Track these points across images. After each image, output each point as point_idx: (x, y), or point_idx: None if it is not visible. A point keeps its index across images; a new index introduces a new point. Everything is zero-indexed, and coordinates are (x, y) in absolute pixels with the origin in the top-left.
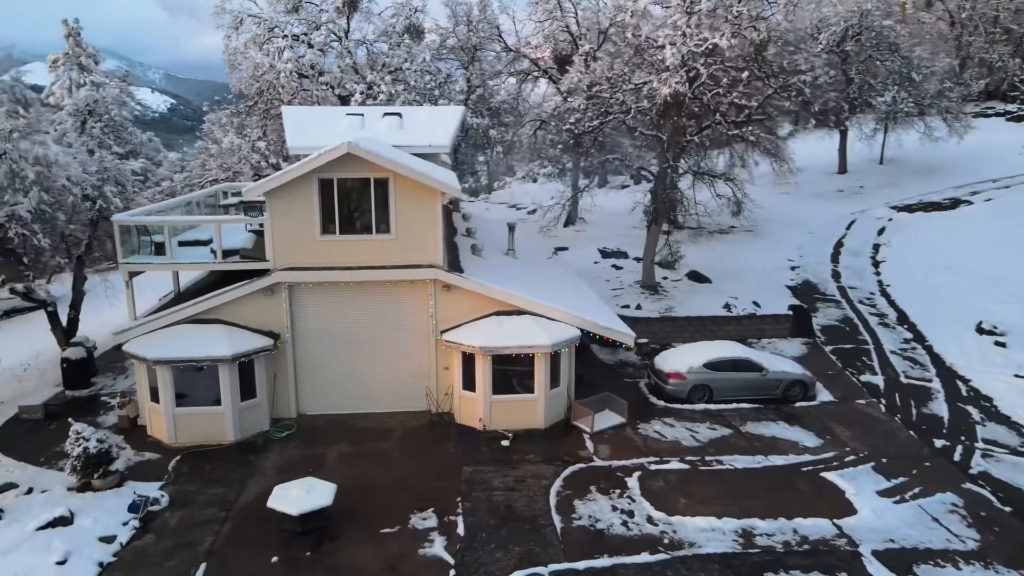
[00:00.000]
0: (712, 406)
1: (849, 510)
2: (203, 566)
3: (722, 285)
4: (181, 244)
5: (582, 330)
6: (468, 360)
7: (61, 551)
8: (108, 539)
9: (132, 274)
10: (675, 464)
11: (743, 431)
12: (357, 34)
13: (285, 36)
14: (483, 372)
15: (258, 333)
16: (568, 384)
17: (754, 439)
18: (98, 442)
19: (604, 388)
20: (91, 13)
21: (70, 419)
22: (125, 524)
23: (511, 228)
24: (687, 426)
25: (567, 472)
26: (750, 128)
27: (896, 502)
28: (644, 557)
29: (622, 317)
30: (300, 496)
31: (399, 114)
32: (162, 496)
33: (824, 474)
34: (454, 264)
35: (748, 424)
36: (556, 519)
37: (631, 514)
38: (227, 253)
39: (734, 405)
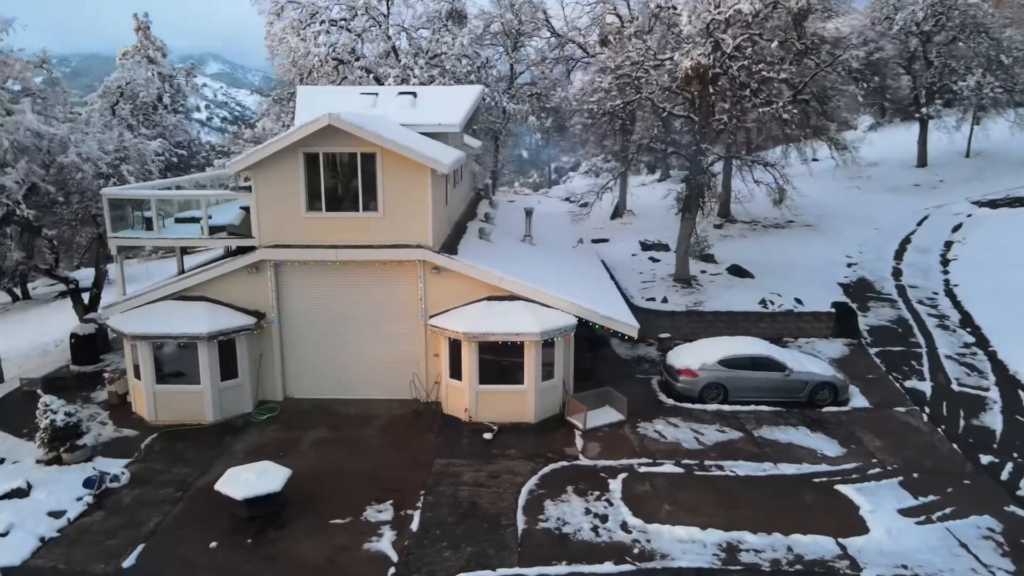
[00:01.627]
0: (726, 407)
1: (859, 528)
2: (141, 547)
3: (765, 280)
4: (179, 221)
5: (587, 320)
6: (455, 347)
7: (4, 523)
8: (57, 514)
9: (121, 249)
10: (668, 467)
11: (755, 435)
12: (396, 19)
13: (323, 22)
14: (469, 360)
15: (242, 312)
16: (565, 376)
17: (765, 444)
18: (66, 415)
19: (615, 383)
20: (202, 21)
21: (39, 392)
22: (79, 500)
23: (528, 213)
24: (693, 427)
25: (546, 470)
26: (788, 107)
27: (919, 523)
28: (607, 567)
29: (644, 310)
30: (250, 480)
31: (414, 93)
32: (123, 473)
33: (839, 487)
34: (450, 246)
35: (763, 428)
36: (520, 519)
37: (604, 519)
38: (216, 229)
39: (751, 407)
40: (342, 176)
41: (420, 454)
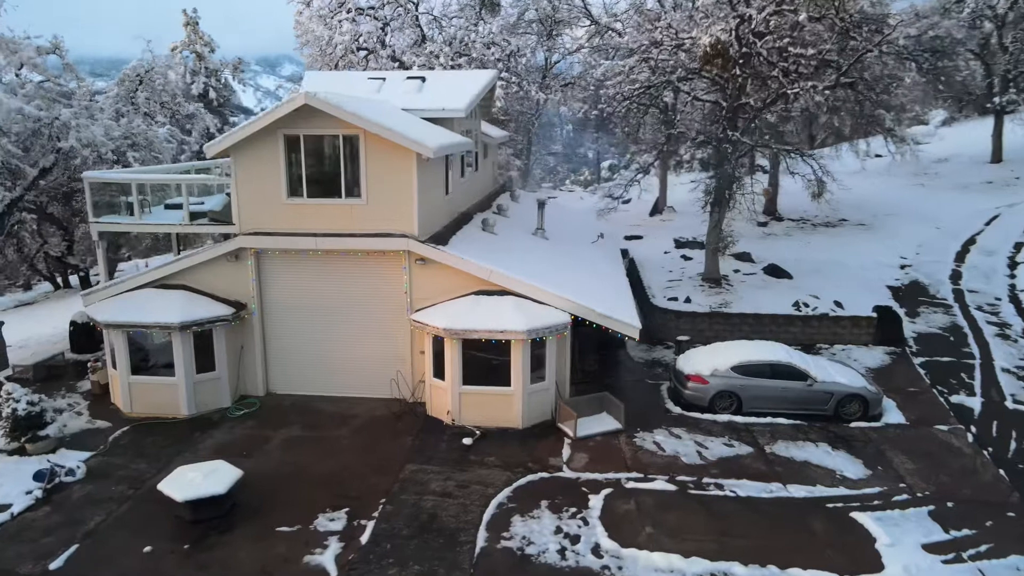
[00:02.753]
0: (739, 418)
1: (872, 565)
2: (74, 548)
3: (804, 281)
4: (168, 207)
5: (583, 319)
6: (438, 344)
7: None
8: (3, 507)
9: (103, 234)
10: (659, 484)
11: (767, 451)
12: (426, 6)
13: (350, 10)
14: (452, 359)
15: (222, 302)
16: (558, 379)
17: (777, 462)
18: (28, 404)
19: (621, 387)
20: (279, 23)
21: (3, 383)
22: (28, 493)
23: (540, 205)
24: (698, 439)
25: (522, 481)
26: (831, 91)
27: (946, 561)
28: None
29: (663, 310)
30: (195, 481)
31: (422, 78)
32: (78, 467)
33: (856, 514)
34: (442, 237)
35: (777, 443)
36: (481, 536)
37: (575, 540)
38: (198, 216)
39: (768, 419)
40: (324, 160)
41: (391, 458)
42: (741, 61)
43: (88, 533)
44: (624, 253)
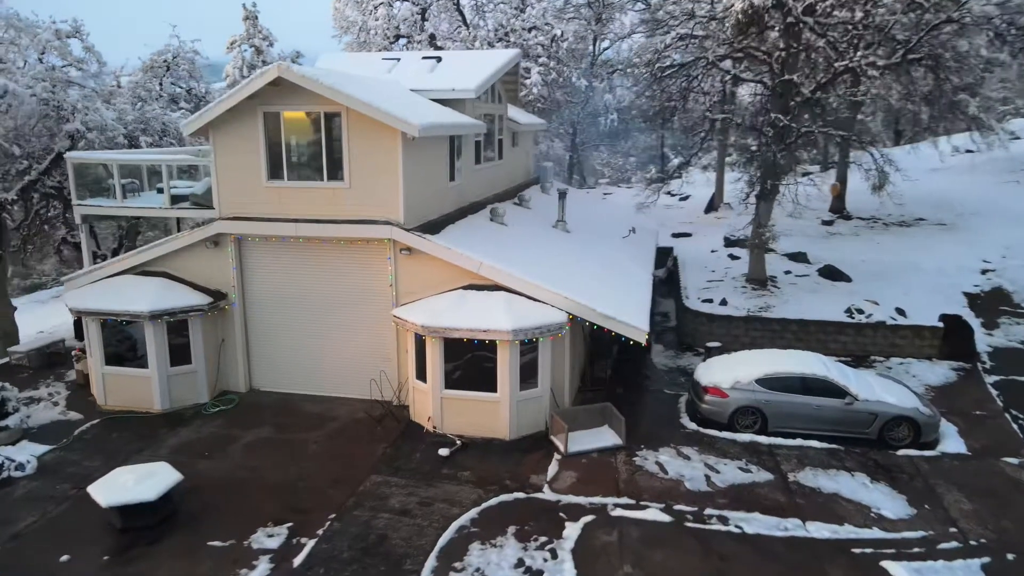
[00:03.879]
0: (763, 438)
1: None
2: None
3: (864, 285)
4: (160, 192)
5: (593, 323)
6: (420, 343)
7: None
8: None
9: (86, 217)
10: (651, 513)
11: (791, 479)
12: None
13: None
14: (433, 359)
15: (201, 291)
16: (554, 385)
17: (800, 493)
18: None
19: (633, 398)
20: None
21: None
22: None
23: (561, 196)
24: (709, 461)
25: (493, 501)
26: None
27: None
28: None
29: (694, 313)
30: (126, 485)
31: (437, 58)
32: (29, 461)
33: (888, 564)
34: (435, 225)
35: (805, 471)
36: (429, 565)
37: (538, 575)
38: (180, 199)
39: (798, 442)
40: (306, 140)
41: (357, 467)
42: (780, 30)
43: (15, 535)
44: (668, 251)
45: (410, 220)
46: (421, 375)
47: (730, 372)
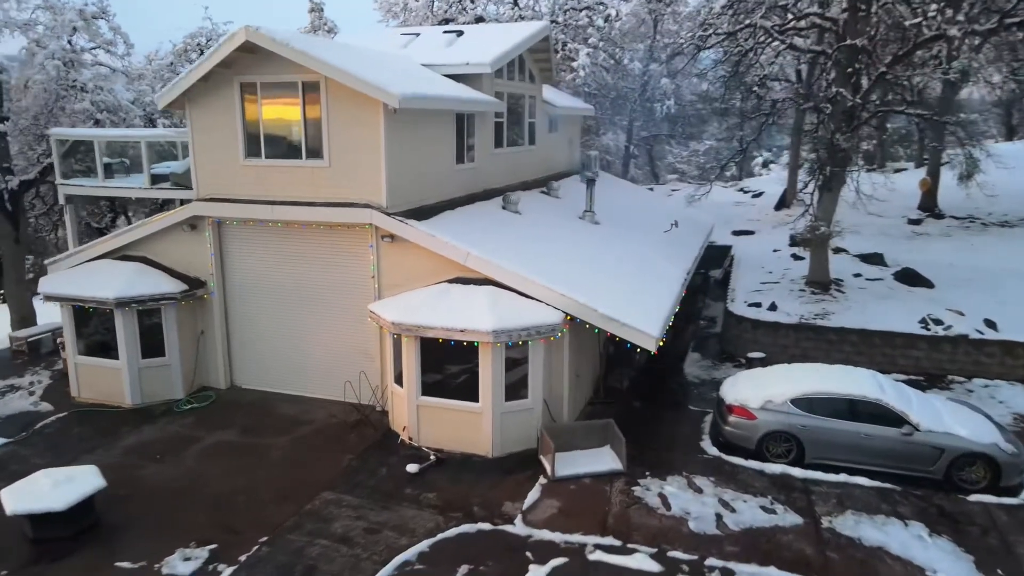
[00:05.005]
0: (796, 471)
1: None
2: None
3: (948, 292)
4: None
5: (594, 325)
6: (398, 343)
7: None
8: None
9: (69, 198)
10: (638, 559)
11: (825, 526)
12: None
13: None
14: (409, 361)
15: (178, 278)
16: (548, 396)
17: (834, 545)
18: None
19: (651, 414)
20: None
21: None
22: None
23: (588, 183)
24: (726, 496)
25: (451, 532)
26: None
27: None
28: None
29: (738, 318)
30: (41, 491)
31: (459, 32)
32: None
33: None
34: (427, 211)
35: (845, 515)
36: None
37: None
38: (160, 179)
39: (841, 477)
40: (285, 114)
41: (311, 481)
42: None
43: None
44: (726, 250)
45: (396, 204)
46: (399, 378)
47: (761, 389)
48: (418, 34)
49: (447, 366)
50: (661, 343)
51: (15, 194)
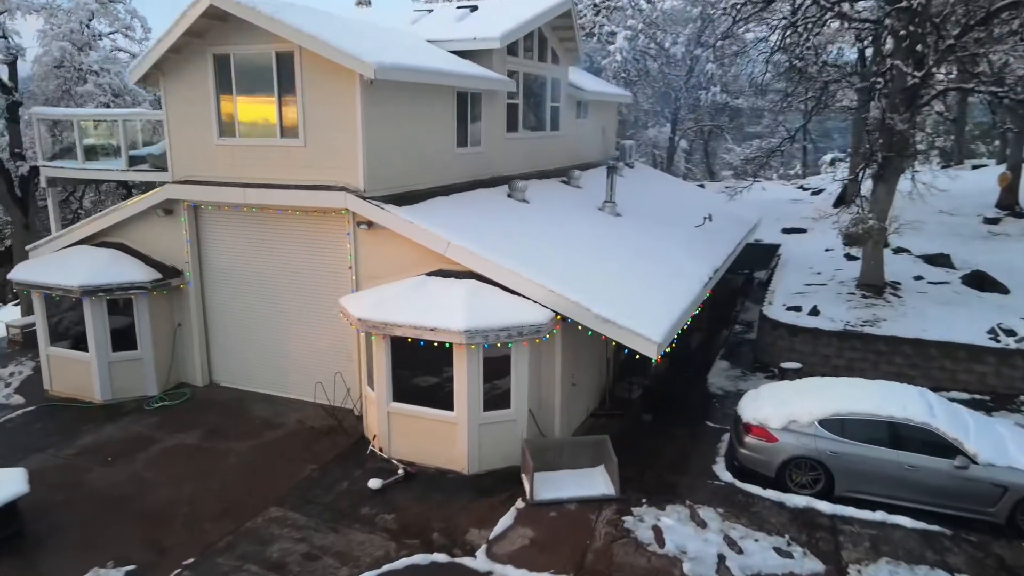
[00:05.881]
0: (823, 505)
1: None
2: None
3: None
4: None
5: (587, 326)
6: (369, 342)
7: None
8: None
9: (51, 180)
10: None
11: (851, 574)
12: None
13: None
14: (380, 363)
15: (154, 266)
16: (535, 406)
17: None
18: None
19: (662, 428)
20: None
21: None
22: None
23: (609, 172)
24: (734, 533)
25: (399, 564)
26: None
27: None
28: None
29: (772, 323)
30: None
31: (473, 7)
32: None
33: None
34: (413, 196)
35: (880, 565)
36: None
37: None
38: (138, 161)
39: (878, 515)
40: (259, 88)
41: (261, 494)
42: None
43: None
44: (773, 249)
45: (376, 187)
46: (372, 381)
47: (785, 406)
48: (431, 10)
49: (422, 369)
50: (668, 349)
51: (24, 180)
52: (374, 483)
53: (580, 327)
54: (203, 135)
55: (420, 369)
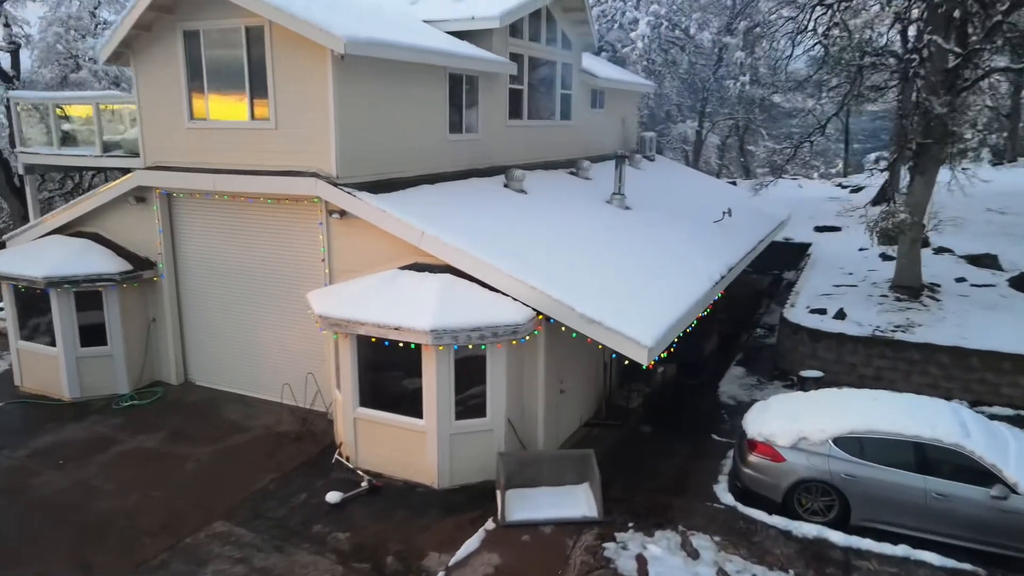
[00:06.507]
0: (838, 536)
1: None
2: None
3: None
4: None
5: (572, 328)
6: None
7: None
8: None
9: (28, 167)
10: None
11: None
12: None
13: None
14: (345, 364)
15: (126, 257)
16: (517, 416)
17: None
18: None
19: (661, 442)
20: None
21: None
22: None
23: (618, 162)
24: (730, 567)
25: None
26: None
27: None
28: None
29: (793, 327)
30: None
31: None
32: None
33: None
34: (393, 183)
35: None
36: None
37: None
38: (113, 147)
39: (901, 548)
40: (229, 67)
41: (210, 506)
42: None
43: None
44: (804, 248)
45: (352, 173)
46: (340, 383)
47: (795, 421)
48: None
49: (391, 371)
50: (665, 354)
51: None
52: (333, 496)
53: (564, 328)
54: (174, 118)
55: (389, 371)
